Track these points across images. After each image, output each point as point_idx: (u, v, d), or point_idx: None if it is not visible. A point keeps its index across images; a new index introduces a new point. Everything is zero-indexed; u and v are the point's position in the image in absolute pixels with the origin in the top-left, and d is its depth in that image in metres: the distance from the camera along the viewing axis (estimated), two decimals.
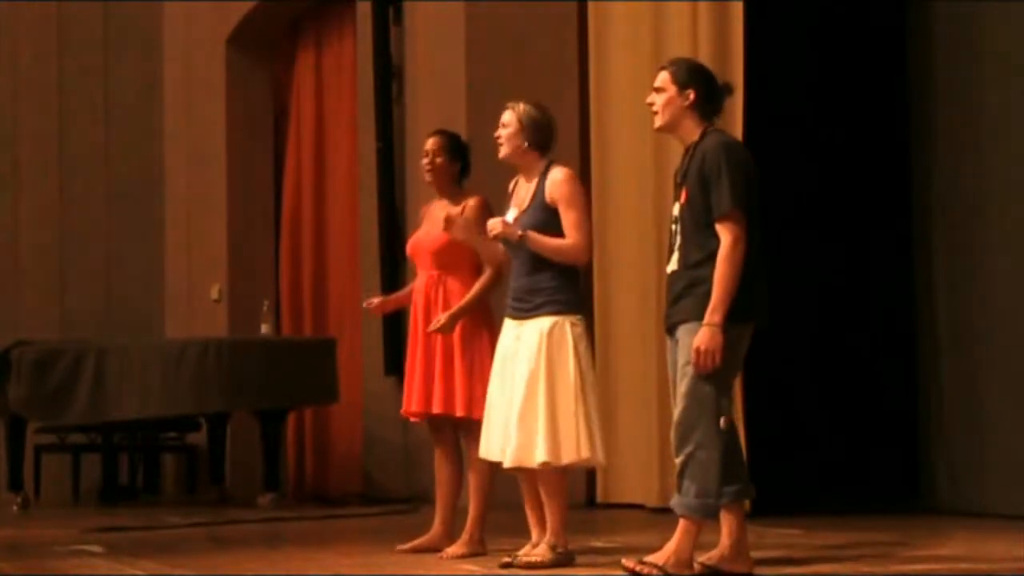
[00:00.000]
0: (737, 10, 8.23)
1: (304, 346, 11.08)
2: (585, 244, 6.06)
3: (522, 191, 6.24)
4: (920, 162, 8.59)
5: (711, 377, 5.39)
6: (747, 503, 5.87)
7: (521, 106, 6.25)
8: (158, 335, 13.30)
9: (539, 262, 6.06)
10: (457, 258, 6.79)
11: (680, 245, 5.57)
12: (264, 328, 11.02)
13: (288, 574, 6.38)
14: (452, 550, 6.62)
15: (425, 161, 6.93)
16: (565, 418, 5.94)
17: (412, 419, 6.93)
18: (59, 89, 13.91)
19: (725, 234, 5.41)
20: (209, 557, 7.14)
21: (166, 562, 6.77)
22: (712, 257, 5.43)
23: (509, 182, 6.39)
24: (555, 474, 6.01)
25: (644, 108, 5.91)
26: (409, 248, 7.02)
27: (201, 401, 10.52)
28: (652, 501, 8.52)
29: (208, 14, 13.25)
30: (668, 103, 5.60)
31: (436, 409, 6.69)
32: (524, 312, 6.09)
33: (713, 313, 5.38)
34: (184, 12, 13.65)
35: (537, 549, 6.05)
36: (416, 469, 10.04)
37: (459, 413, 6.65)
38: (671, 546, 5.45)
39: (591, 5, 9.42)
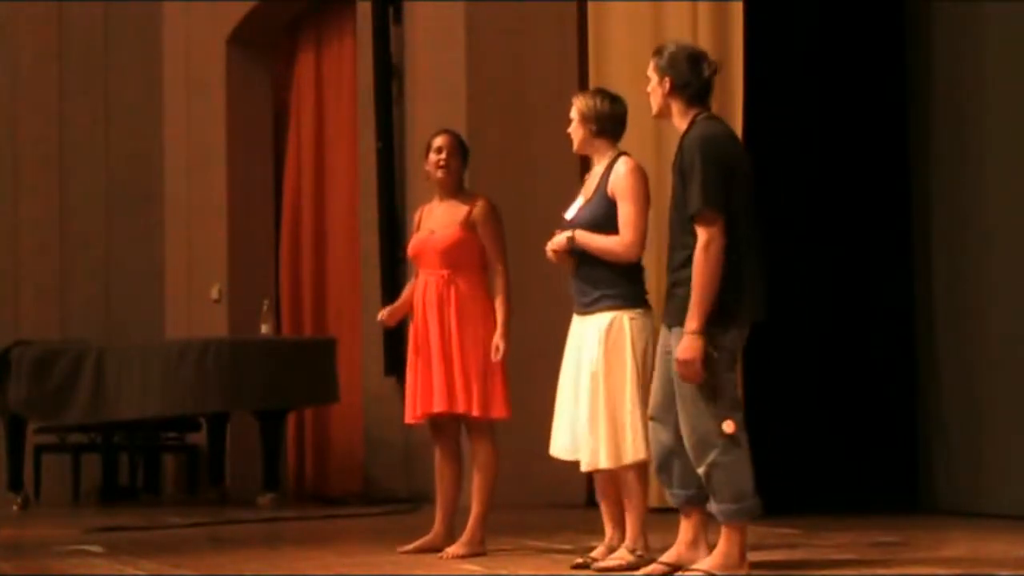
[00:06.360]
0: (737, 10, 8.23)
1: (304, 346, 11.07)
2: (632, 241, 5.92)
3: (591, 180, 6.18)
4: (920, 162, 8.59)
5: (706, 382, 5.29)
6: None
7: (580, 98, 6.21)
8: (158, 335, 13.29)
9: (594, 255, 6.00)
10: (466, 257, 6.79)
11: (669, 241, 5.48)
12: (264, 328, 11.01)
13: (288, 574, 6.38)
14: (452, 550, 6.63)
15: (440, 159, 6.85)
16: (624, 419, 5.88)
17: (419, 421, 6.88)
18: (59, 89, 13.90)
19: (699, 234, 5.26)
20: (209, 557, 7.14)
21: (166, 562, 6.77)
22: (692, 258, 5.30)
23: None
24: (630, 476, 5.97)
25: (644, 108, 5.92)
26: (411, 250, 6.97)
27: (201, 401, 10.52)
28: (652, 501, 8.50)
29: (208, 14, 13.24)
30: (653, 92, 5.60)
31: (459, 408, 6.67)
32: (584, 307, 6.03)
33: (691, 320, 5.23)
34: (184, 12, 13.65)
35: (616, 553, 5.98)
36: (416, 469, 10.03)
37: (475, 413, 6.66)
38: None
39: (591, 5, 9.40)
